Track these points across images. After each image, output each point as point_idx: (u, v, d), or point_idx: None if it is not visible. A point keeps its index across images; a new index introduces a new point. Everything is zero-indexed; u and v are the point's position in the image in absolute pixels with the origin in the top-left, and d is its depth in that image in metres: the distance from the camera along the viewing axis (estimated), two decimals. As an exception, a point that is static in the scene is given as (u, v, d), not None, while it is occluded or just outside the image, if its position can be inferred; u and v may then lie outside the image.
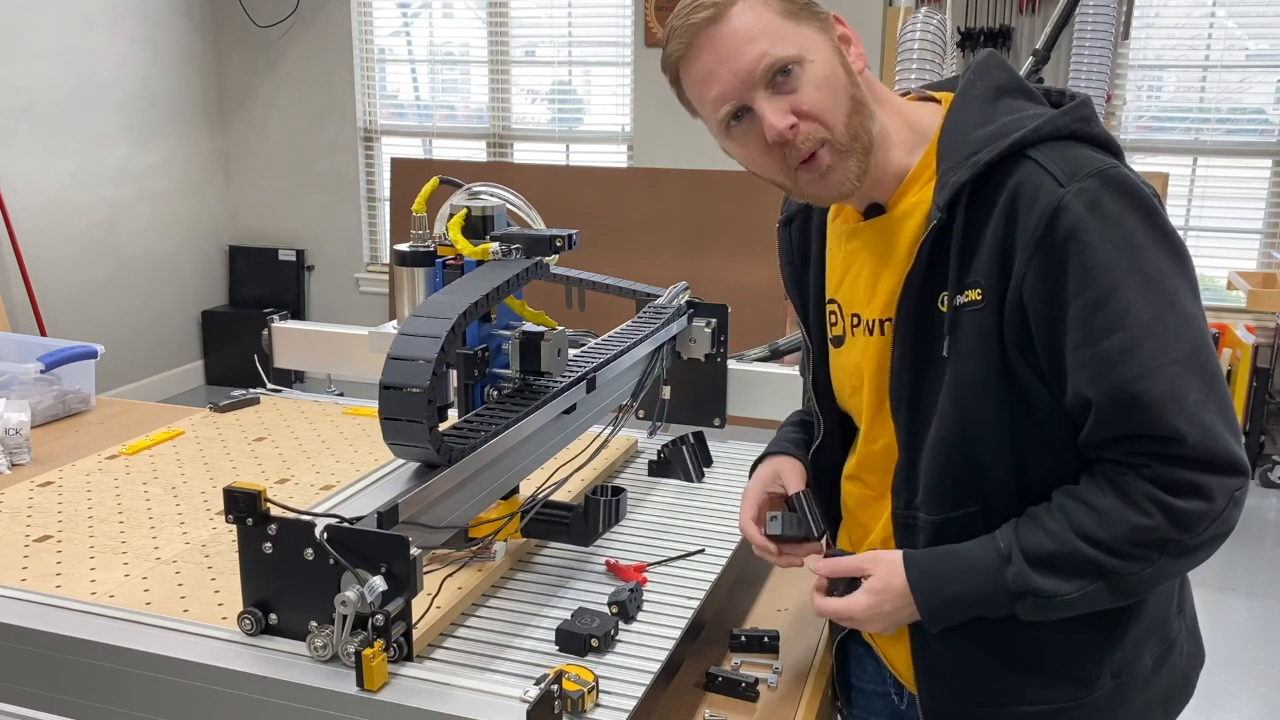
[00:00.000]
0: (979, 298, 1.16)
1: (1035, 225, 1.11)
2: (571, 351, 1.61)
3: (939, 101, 1.27)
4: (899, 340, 1.23)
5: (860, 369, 1.31)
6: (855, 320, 1.31)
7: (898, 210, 1.24)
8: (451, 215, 1.53)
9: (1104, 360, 1.11)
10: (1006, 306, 1.15)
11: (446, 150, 6.39)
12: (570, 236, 1.52)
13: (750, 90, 1.17)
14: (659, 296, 2.00)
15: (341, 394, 2.28)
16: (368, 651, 1.06)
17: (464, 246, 1.49)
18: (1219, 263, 5.31)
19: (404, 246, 1.55)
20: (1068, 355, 1.13)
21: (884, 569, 1.24)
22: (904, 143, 1.23)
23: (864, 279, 1.28)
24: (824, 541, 1.36)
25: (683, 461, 1.86)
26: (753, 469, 1.47)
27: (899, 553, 1.24)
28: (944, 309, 1.19)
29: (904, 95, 1.32)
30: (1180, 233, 1.21)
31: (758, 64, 1.15)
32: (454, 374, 1.46)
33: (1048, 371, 1.16)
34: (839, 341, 1.35)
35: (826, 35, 1.19)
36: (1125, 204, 1.11)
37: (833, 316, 1.35)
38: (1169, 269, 1.12)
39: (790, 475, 1.40)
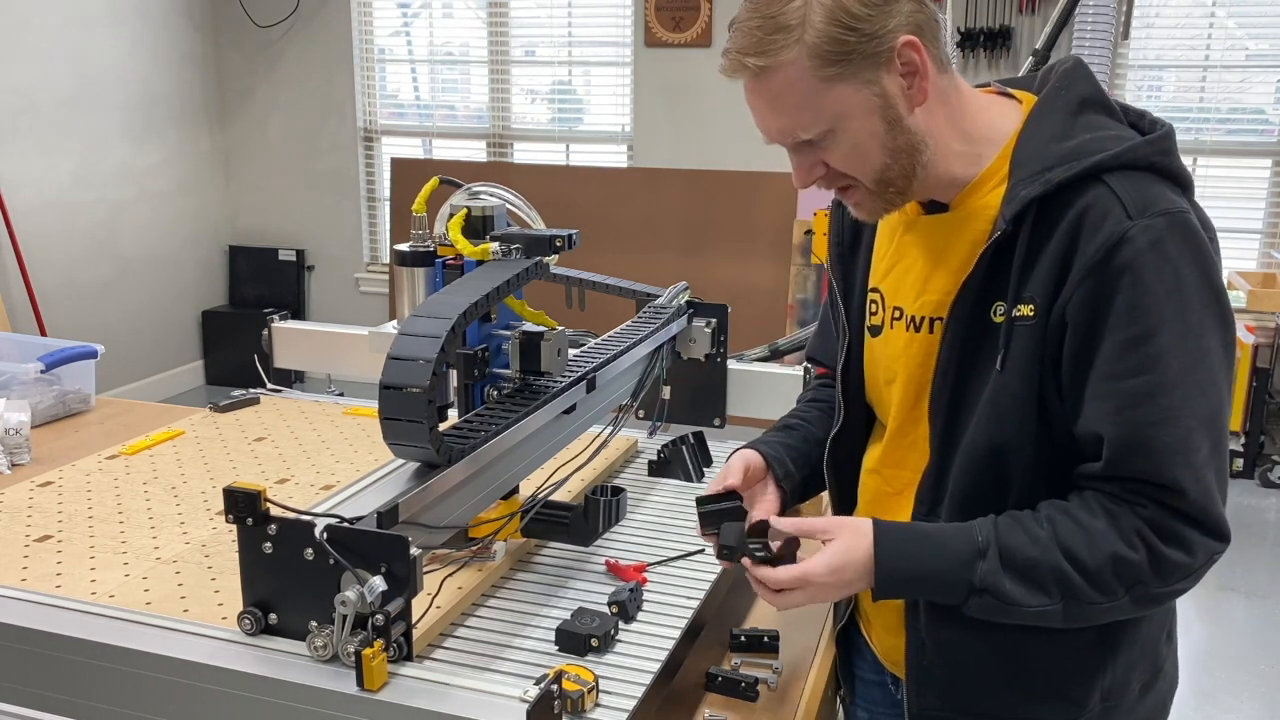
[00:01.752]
0: (1031, 313, 1.14)
1: (1095, 251, 1.10)
2: (571, 351, 1.61)
3: (1018, 100, 1.25)
4: (947, 344, 1.22)
5: (897, 363, 1.29)
6: (897, 313, 1.28)
7: (961, 211, 1.22)
8: (451, 215, 1.53)
9: (1126, 397, 1.10)
10: (1049, 323, 1.14)
11: (446, 150, 6.39)
12: (570, 236, 1.52)
13: (782, 143, 1.20)
14: (659, 296, 2.00)
15: (341, 394, 2.28)
16: (368, 651, 1.06)
17: (464, 246, 1.49)
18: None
19: (404, 246, 1.55)
20: (1091, 384, 1.13)
21: (850, 535, 1.19)
22: (966, 153, 1.20)
23: (915, 273, 1.26)
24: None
25: (683, 461, 1.86)
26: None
27: (867, 520, 1.20)
28: (997, 319, 1.17)
29: (984, 88, 1.29)
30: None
31: (782, 137, 1.18)
32: (454, 374, 1.46)
33: (1067, 394, 1.15)
34: (876, 331, 1.33)
35: (872, 87, 1.13)
36: (1186, 251, 1.11)
37: (873, 305, 1.33)
38: (1211, 325, 1.12)
39: (735, 470, 1.36)
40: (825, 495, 1.47)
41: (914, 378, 1.27)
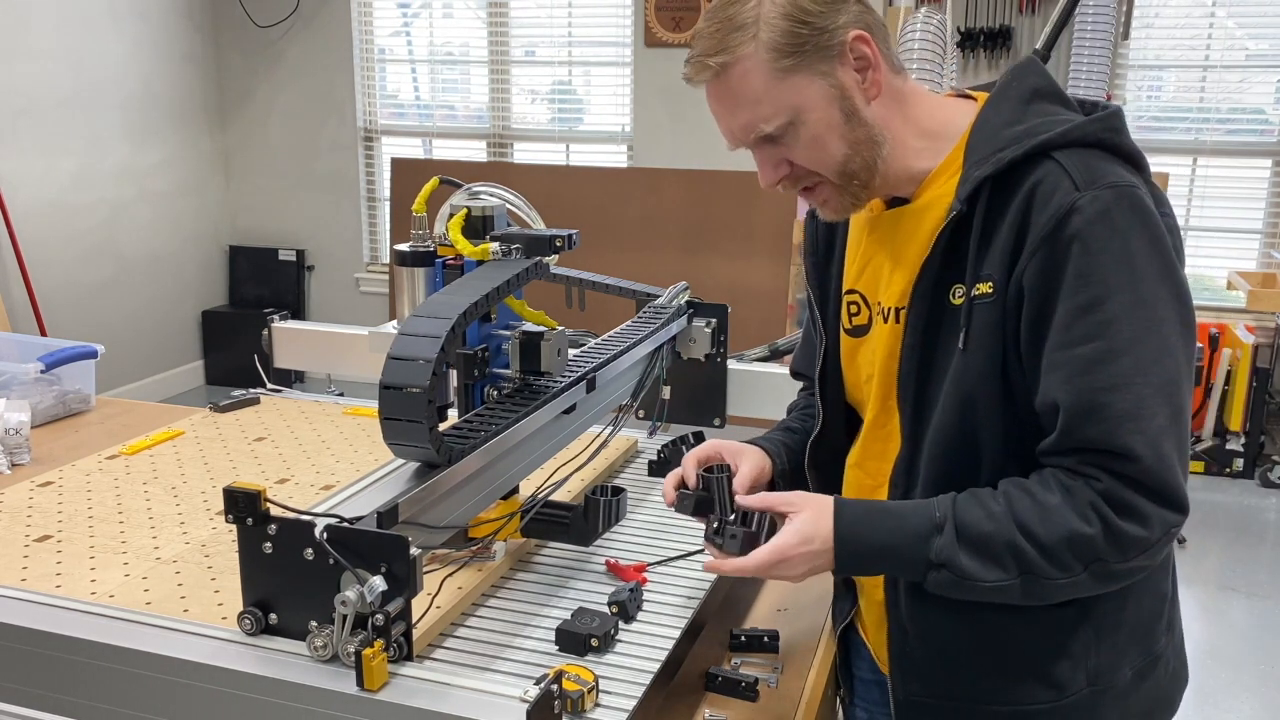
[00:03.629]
0: (990, 290, 1.17)
1: (1045, 222, 1.13)
2: (571, 351, 1.61)
3: (975, 99, 1.28)
4: (910, 329, 1.24)
5: (875, 357, 1.32)
6: (880, 308, 1.31)
7: (920, 201, 1.26)
8: (451, 215, 1.53)
9: (1077, 364, 1.12)
10: (1008, 298, 1.16)
11: (446, 150, 6.39)
12: (570, 236, 1.52)
13: (744, 144, 1.23)
14: (659, 296, 2.00)
15: (341, 394, 2.28)
16: (368, 651, 1.06)
17: (464, 246, 1.49)
18: (1219, 263, 5.31)
19: (404, 246, 1.55)
20: (1045, 354, 1.14)
21: (813, 511, 1.21)
22: (925, 148, 1.24)
23: (885, 268, 1.29)
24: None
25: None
26: None
27: (828, 497, 1.23)
28: (956, 301, 1.20)
29: (948, 94, 1.33)
30: (1180, 232, 1.22)
31: (747, 133, 1.21)
32: (454, 374, 1.46)
33: (1027, 367, 1.17)
34: (862, 331, 1.35)
35: (828, 79, 1.18)
36: (1134, 222, 1.13)
37: (854, 307, 1.36)
38: (1163, 296, 1.13)
39: (733, 458, 1.39)
40: None
41: (885, 368, 1.29)
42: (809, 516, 1.21)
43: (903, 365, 1.26)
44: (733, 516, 1.28)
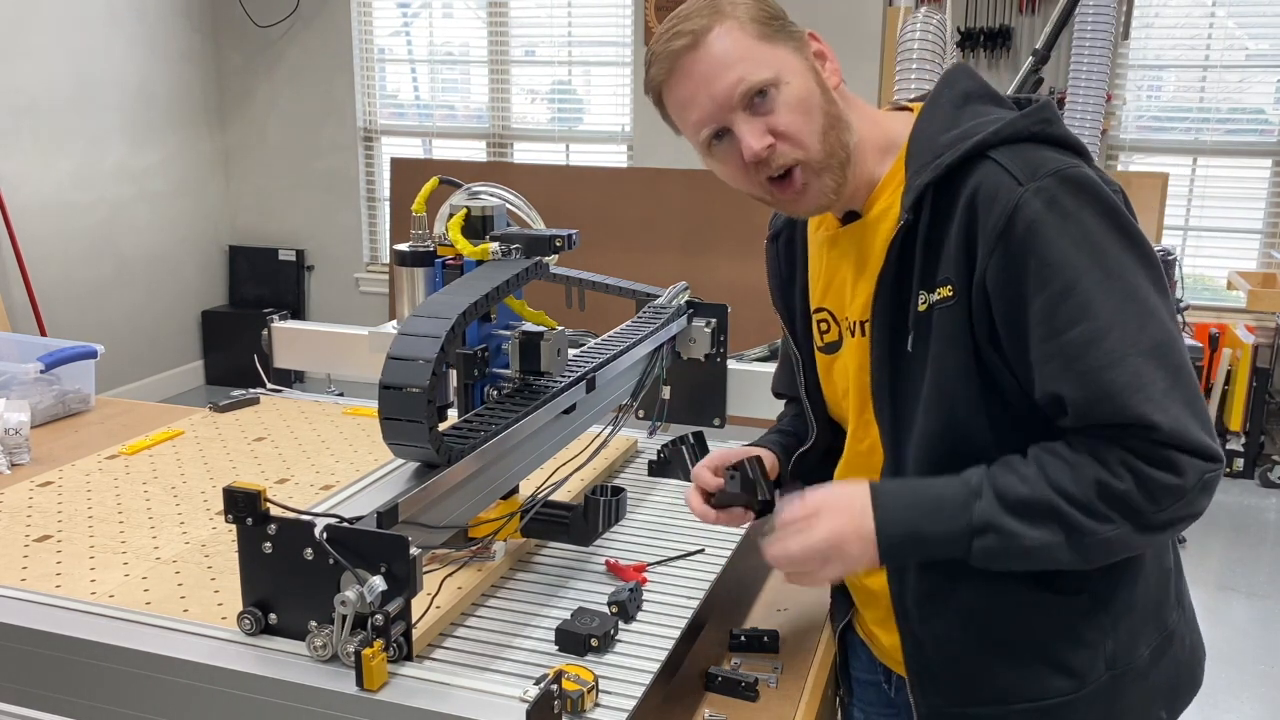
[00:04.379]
0: (950, 294, 1.18)
1: (995, 222, 1.13)
2: (571, 351, 1.61)
3: (912, 110, 1.30)
4: (876, 341, 1.25)
5: (848, 371, 1.33)
6: (849, 323, 1.33)
7: (870, 215, 1.27)
8: (451, 215, 1.53)
9: (1071, 351, 1.12)
10: (973, 301, 1.17)
11: (446, 150, 6.39)
12: (570, 236, 1.52)
13: (729, 113, 1.21)
14: (659, 296, 2.00)
15: (341, 394, 2.28)
16: (367, 651, 1.06)
17: (464, 246, 1.49)
18: (1219, 263, 5.31)
19: (404, 246, 1.55)
20: (1033, 349, 1.14)
21: (846, 485, 1.23)
22: (878, 152, 1.27)
23: (848, 284, 1.31)
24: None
25: (682, 461, 1.86)
26: None
27: (864, 483, 1.22)
28: (922, 309, 1.21)
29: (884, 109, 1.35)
30: (1180, 232, 1.22)
31: (734, 89, 1.20)
32: (454, 374, 1.46)
33: (1015, 365, 1.17)
34: (834, 348, 1.37)
35: (801, 54, 1.23)
36: (1083, 201, 1.14)
37: (824, 324, 1.37)
38: (1130, 263, 1.13)
39: (741, 451, 1.43)
40: None
41: (858, 382, 1.30)
42: (842, 487, 1.22)
43: (874, 377, 1.26)
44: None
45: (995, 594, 1.23)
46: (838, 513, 1.19)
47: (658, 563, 1.53)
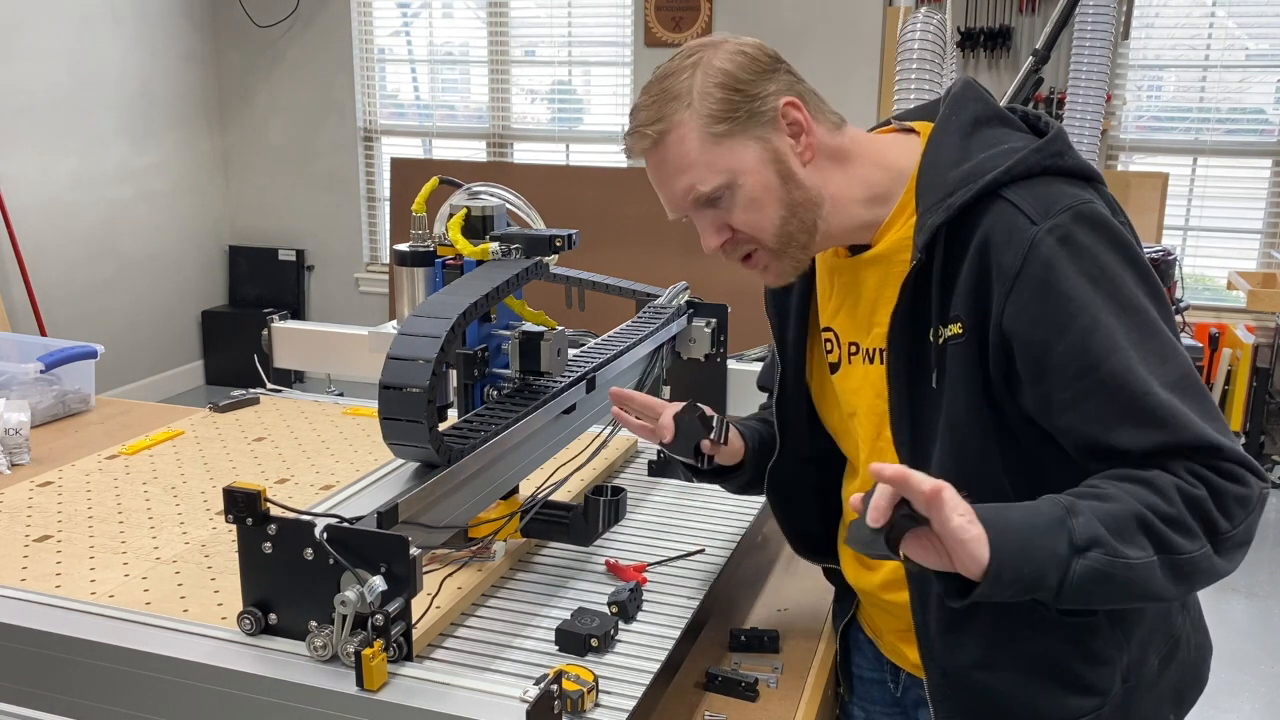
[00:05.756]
0: (960, 331, 1.17)
1: (1010, 262, 1.12)
2: (571, 351, 1.61)
3: (917, 132, 1.28)
4: (892, 374, 1.25)
5: (857, 396, 1.32)
6: (854, 348, 1.32)
7: (878, 249, 1.26)
8: (451, 215, 1.53)
9: (1112, 383, 1.09)
10: (990, 342, 1.15)
11: (446, 150, 6.39)
12: (570, 236, 1.52)
13: (687, 210, 1.26)
14: (659, 296, 2.00)
15: (341, 394, 2.28)
16: (367, 651, 1.06)
17: (464, 246, 1.49)
18: (1219, 263, 5.31)
19: (404, 246, 1.55)
20: (1067, 388, 1.11)
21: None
22: (872, 196, 1.25)
23: (861, 310, 1.30)
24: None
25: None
26: None
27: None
28: (940, 344, 1.20)
29: (884, 126, 1.34)
30: (1180, 232, 1.22)
31: (686, 197, 1.24)
32: (454, 374, 1.46)
33: (1036, 408, 1.15)
34: (835, 368, 1.36)
35: (763, 144, 1.21)
36: (1097, 237, 1.13)
37: (828, 344, 1.37)
38: (1143, 296, 1.13)
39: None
40: None
41: (873, 408, 1.29)
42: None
43: (893, 408, 1.25)
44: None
45: (1015, 620, 1.22)
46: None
47: (658, 563, 1.53)
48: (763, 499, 1.75)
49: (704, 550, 1.57)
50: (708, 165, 1.21)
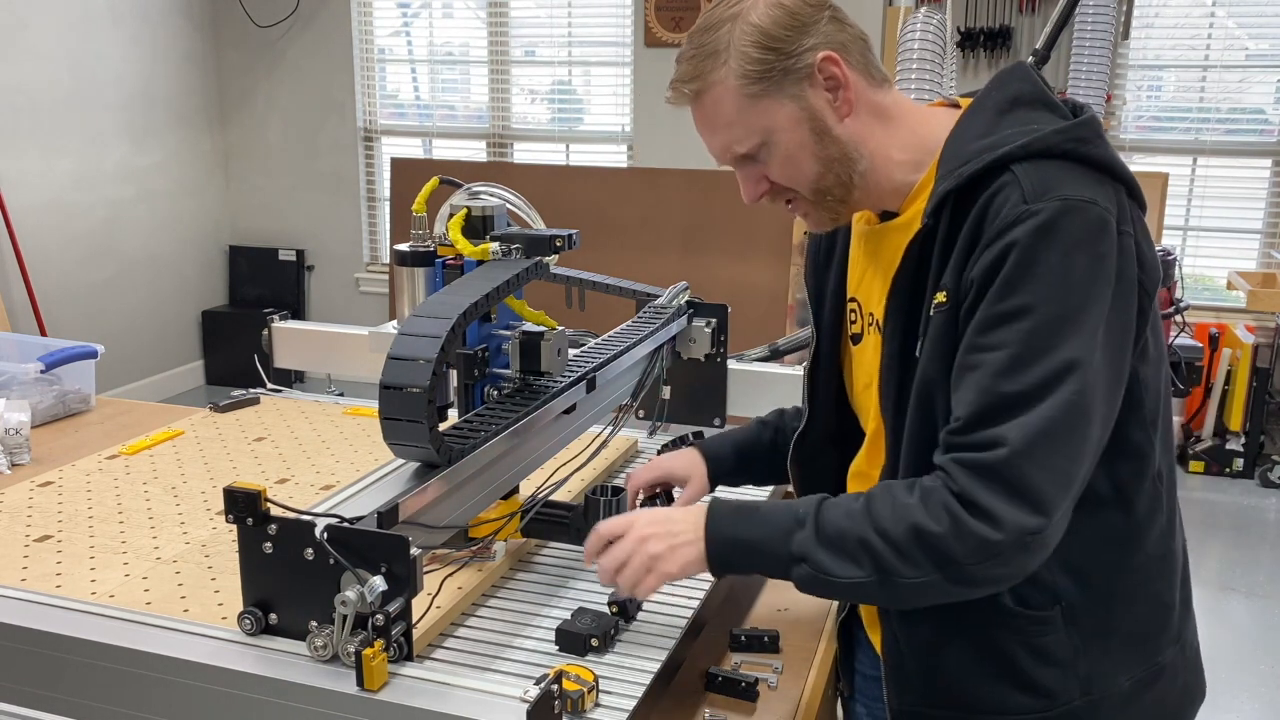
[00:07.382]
0: (945, 300, 1.18)
1: (991, 233, 1.13)
2: (571, 351, 1.61)
3: (961, 108, 1.27)
4: (886, 340, 1.26)
5: (871, 366, 1.33)
6: (871, 318, 1.33)
7: (902, 218, 1.27)
8: (451, 215, 1.53)
9: (988, 368, 1.11)
10: (961, 308, 1.16)
11: (446, 150, 6.39)
12: (570, 236, 1.52)
13: (727, 162, 1.29)
14: (659, 296, 2.00)
15: (341, 394, 2.28)
16: (368, 651, 1.06)
17: (464, 246, 1.49)
18: (1219, 263, 5.31)
19: (404, 246, 1.55)
20: (959, 353, 1.15)
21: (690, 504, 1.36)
22: (907, 160, 1.25)
23: (877, 280, 1.31)
24: None
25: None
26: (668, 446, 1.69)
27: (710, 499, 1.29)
28: (932, 314, 1.20)
29: (937, 103, 1.34)
30: (1180, 232, 1.22)
31: (724, 154, 1.28)
32: (454, 374, 1.46)
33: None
34: (857, 339, 1.37)
35: (797, 102, 1.21)
36: (1079, 237, 1.10)
37: (853, 315, 1.38)
38: (1093, 317, 1.11)
39: (681, 473, 1.54)
40: None
41: (877, 378, 1.30)
42: (675, 508, 1.33)
43: (883, 376, 1.27)
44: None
45: (970, 604, 1.20)
46: (653, 523, 1.25)
47: (658, 563, 1.52)
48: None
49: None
50: (744, 125, 1.23)
